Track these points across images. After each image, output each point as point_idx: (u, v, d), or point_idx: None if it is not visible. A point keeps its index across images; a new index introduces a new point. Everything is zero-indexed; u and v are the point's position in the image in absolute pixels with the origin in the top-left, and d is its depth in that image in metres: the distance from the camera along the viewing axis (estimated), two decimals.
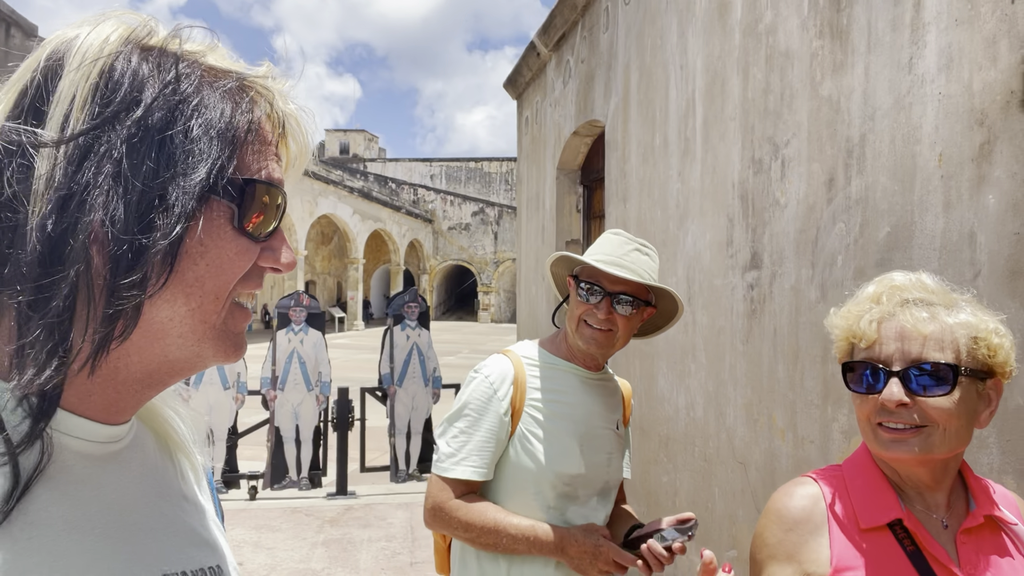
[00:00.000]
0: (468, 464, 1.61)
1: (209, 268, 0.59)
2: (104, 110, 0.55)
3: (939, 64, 2.06)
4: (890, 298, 1.11)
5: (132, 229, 0.54)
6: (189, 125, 0.58)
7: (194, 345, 0.61)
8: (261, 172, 0.63)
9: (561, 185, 6.72)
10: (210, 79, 0.61)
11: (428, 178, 46.06)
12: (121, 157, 0.55)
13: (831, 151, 2.55)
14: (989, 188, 1.88)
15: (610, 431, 1.76)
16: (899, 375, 1.06)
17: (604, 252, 1.69)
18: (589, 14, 5.62)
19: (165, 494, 0.67)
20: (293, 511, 6.12)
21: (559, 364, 1.75)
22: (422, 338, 7.51)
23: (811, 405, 2.65)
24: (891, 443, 1.07)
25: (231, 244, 0.61)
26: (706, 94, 3.56)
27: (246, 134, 0.61)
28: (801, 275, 2.73)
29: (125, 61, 0.57)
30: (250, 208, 0.61)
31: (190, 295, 0.59)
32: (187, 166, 0.57)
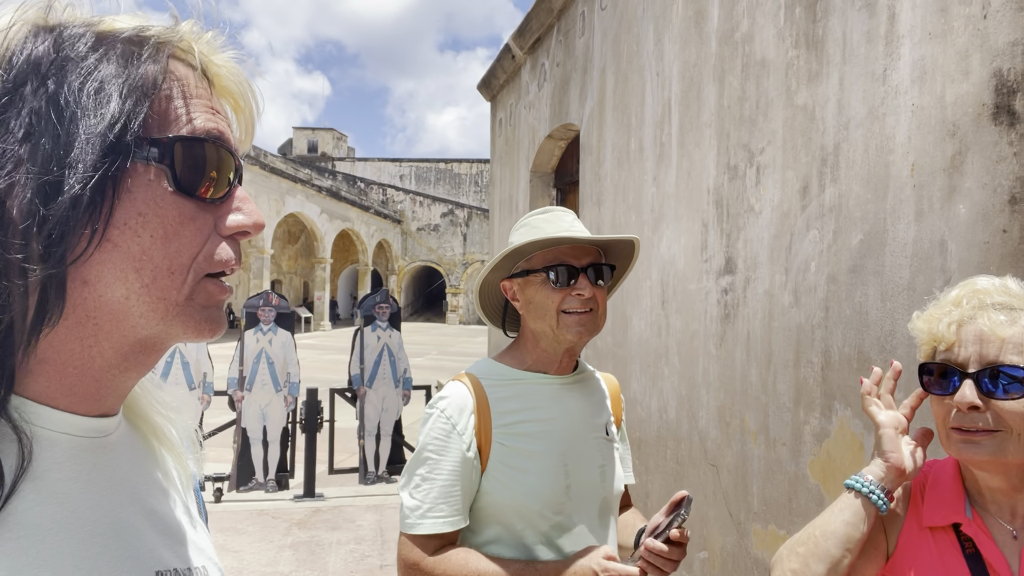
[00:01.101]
0: (435, 515, 1.40)
1: (154, 239, 0.57)
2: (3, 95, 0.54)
3: (913, 76, 2.11)
4: (970, 301, 1.11)
5: (33, 200, 0.53)
6: (83, 85, 0.56)
7: (159, 323, 0.59)
8: (191, 126, 0.60)
9: (535, 188, 6.74)
10: (107, 38, 0.59)
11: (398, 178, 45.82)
12: (24, 137, 0.54)
13: (806, 159, 2.60)
14: (960, 198, 1.94)
15: (598, 439, 1.54)
16: (973, 377, 1.06)
17: (550, 232, 1.48)
18: (565, 18, 5.65)
19: (153, 493, 0.67)
20: (260, 513, 6.03)
21: (524, 377, 1.52)
22: (393, 339, 7.46)
23: (783, 408, 2.70)
24: (962, 444, 1.07)
25: (172, 209, 0.58)
26: (682, 100, 3.60)
27: (157, 87, 0.59)
28: (775, 280, 2.77)
29: (20, 42, 0.56)
30: (189, 167, 0.59)
31: (140, 270, 0.57)
32: (87, 126, 0.55)
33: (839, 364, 2.39)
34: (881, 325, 2.20)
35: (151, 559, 0.62)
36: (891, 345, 2.16)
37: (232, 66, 0.66)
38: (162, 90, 0.59)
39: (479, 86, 8.37)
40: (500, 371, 1.54)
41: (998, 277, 1.14)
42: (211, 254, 0.61)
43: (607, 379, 1.70)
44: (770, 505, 2.76)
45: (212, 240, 0.61)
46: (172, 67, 0.61)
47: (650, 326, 3.92)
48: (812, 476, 2.52)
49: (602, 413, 1.60)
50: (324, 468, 7.17)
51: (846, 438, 2.34)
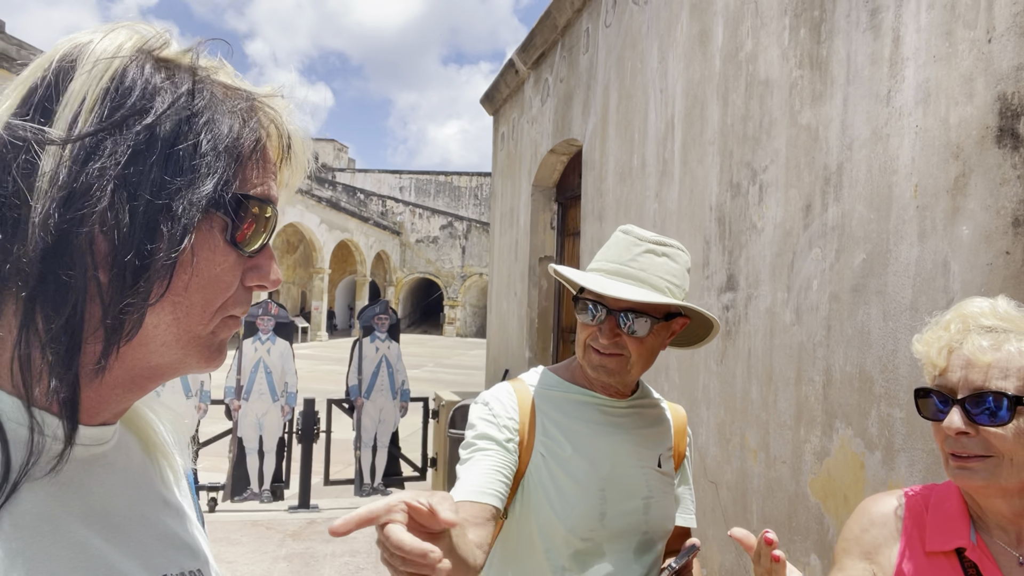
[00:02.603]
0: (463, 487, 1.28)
1: (197, 279, 0.59)
2: (113, 114, 0.56)
3: (916, 98, 2.13)
4: (957, 325, 1.11)
5: (138, 237, 0.55)
6: (199, 139, 0.58)
7: (176, 352, 0.61)
8: (259, 189, 0.63)
9: (536, 202, 6.76)
10: (221, 95, 0.62)
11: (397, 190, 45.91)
12: (127, 162, 0.55)
13: (808, 178, 2.62)
14: (963, 219, 1.95)
15: (647, 471, 1.41)
16: (961, 403, 1.06)
17: (607, 258, 1.37)
18: (569, 34, 5.69)
19: (148, 497, 0.67)
20: (254, 524, 5.99)
21: (575, 393, 1.43)
22: (391, 350, 7.45)
23: (784, 426, 2.69)
24: (957, 471, 1.07)
25: (221, 256, 0.61)
26: (685, 118, 3.63)
27: (252, 152, 0.62)
28: (776, 298, 2.78)
29: (138, 68, 0.58)
30: (244, 222, 0.62)
31: (177, 304, 0.59)
32: (194, 179, 0.57)
33: (840, 383, 2.39)
34: (883, 345, 2.21)
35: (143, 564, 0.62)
36: (892, 364, 2.16)
37: (304, 136, 0.70)
38: (254, 154, 0.63)
39: (482, 100, 8.41)
40: (551, 381, 1.46)
41: (990, 299, 1.14)
42: (237, 302, 0.64)
43: (674, 410, 1.57)
44: (769, 523, 2.75)
45: (239, 290, 0.64)
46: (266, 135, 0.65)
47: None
48: (812, 495, 2.51)
49: (658, 444, 1.47)
50: (320, 479, 7.14)
51: (847, 457, 2.34)
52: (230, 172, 0.60)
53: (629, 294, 1.28)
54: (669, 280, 1.33)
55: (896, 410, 2.14)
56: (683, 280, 1.37)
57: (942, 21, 2.04)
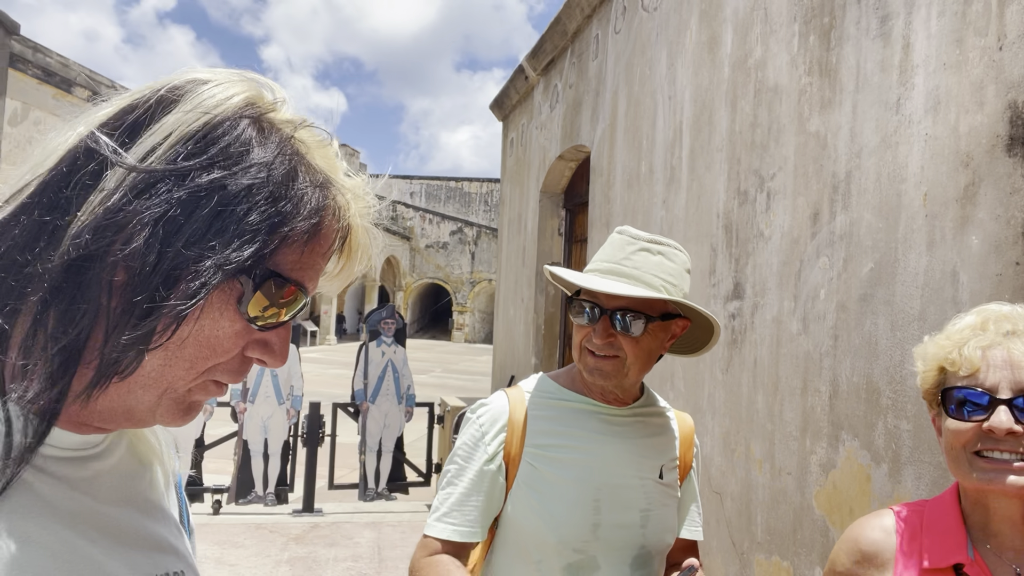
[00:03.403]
0: (448, 521, 1.33)
1: (197, 336, 0.58)
2: (189, 159, 0.55)
3: (926, 106, 2.11)
4: (997, 327, 1.09)
5: (156, 283, 0.54)
6: (256, 207, 0.57)
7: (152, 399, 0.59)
8: (295, 272, 0.61)
9: (544, 208, 6.75)
10: (303, 172, 0.61)
11: (408, 195, 46.03)
12: (176, 207, 0.54)
13: (817, 186, 2.59)
14: (973, 229, 1.92)
15: (647, 482, 1.38)
16: (1008, 403, 1.04)
17: (602, 258, 1.35)
18: (579, 41, 5.69)
19: (135, 501, 0.67)
20: (258, 527, 5.98)
21: (572, 399, 1.40)
22: (398, 355, 7.44)
23: (789, 437, 2.66)
24: (992, 473, 1.05)
25: (227, 322, 0.59)
26: (693, 125, 3.61)
27: (303, 236, 0.60)
28: (783, 307, 2.75)
29: (233, 124, 0.58)
30: (264, 298, 0.60)
31: (168, 354, 0.58)
32: (234, 244, 0.56)
33: (847, 394, 2.36)
34: (891, 355, 2.18)
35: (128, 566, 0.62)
36: (900, 375, 2.13)
37: (367, 237, 0.68)
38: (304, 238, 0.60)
39: (491, 106, 8.42)
40: (548, 388, 1.43)
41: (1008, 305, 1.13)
42: (229, 370, 0.62)
43: (681, 419, 1.52)
44: (774, 535, 2.72)
45: (236, 357, 0.62)
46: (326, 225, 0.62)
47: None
48: (818, 507, 2.48)
49: (660, 455, 1.43)
50: (324, 483, 7.13)
51: (853, 469, 2.31)
52: (271, 247, 0.58)
53: (617, 289, 1.25)
54: (664, 279, 1.30)
55: (903, 422, 2.10)
56: (680, 280, 1.34)
57: (953, 28, 2.02)
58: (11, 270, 0.53)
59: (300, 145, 0.62)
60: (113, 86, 15.12)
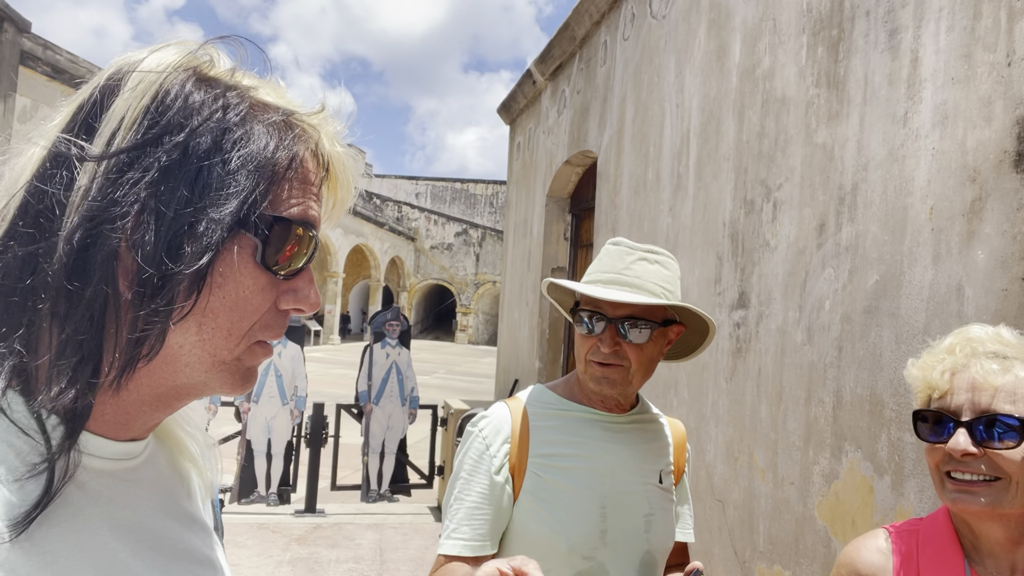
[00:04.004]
0: (457, 536, 1.34)
1: (224, 300, 0.59)
2: (149, 131, 0.56)
3: (934, 120, 2.11)
4: (963, 349, 1.11)
5: (159, 255, 0.55)
6: (229, 156, 0.58)
7: (202, 374, 0.61)
8: (294, 209, 0.61)
9: (550, 212, 6.76)
10: (258, 112, 0.61)
11: (413, 196, 46.09)
12: (156, 179, 0.55)
13: (823, 197, 2.60)
14: (979, 244, 1.93)
15: (649, 487, 1.41)
16: (966, 425, 1.06)
17: (601, 269, 1.40)
18: (587, 46, 5.70)
19: (173, 512, 0.68)
20: (260, 527, 6.00)
21: (573, 409, 1.43)
22: (402, 357, 7.46)
23: (792, 447, 2.67)
24: (957, 494, 1.07)
25: (249, 279, 0.60)
26: (701, 133, 3.62)
27: (285, 170, 0.61)
28: (788, 317, 2.76)
29: (180, 86, 0.58)
30: (276, 245, 0.60)
31: (203, 325, 0.58)
32: (220, 197, 0.57)
33: (851, 405, 2.36)
34: (895, 367, 2.18)
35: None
36: (904, 388, 2.13)
37: (347, 160, 0.68)
38: (288, 172, 0.61)
39: (499, 109, 8.44)
40: (549, 399, 1.46)
41: (992, 326, 1.14)
42: (268, 324, 0.62)
43: (673, 425, 1.56)
44: (776, 545, 2.72)
45: (270, 311, 0.62)
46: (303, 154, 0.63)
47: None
48: (820, 517, 2.48)
49: (658, 460, 1.46)
50: (326, 484, 7.15)
51: (856, 481, 2.31)
52: (259, 191, 0.58)
53: (631, 298, 1.30)
54: (663, 286, 1.36)
55: (907, 435, 2.11)
56: (675, 287, 1.39)
57: (961, 43, 2.03)
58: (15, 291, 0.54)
59: (247, 88, 0.62)
60: None
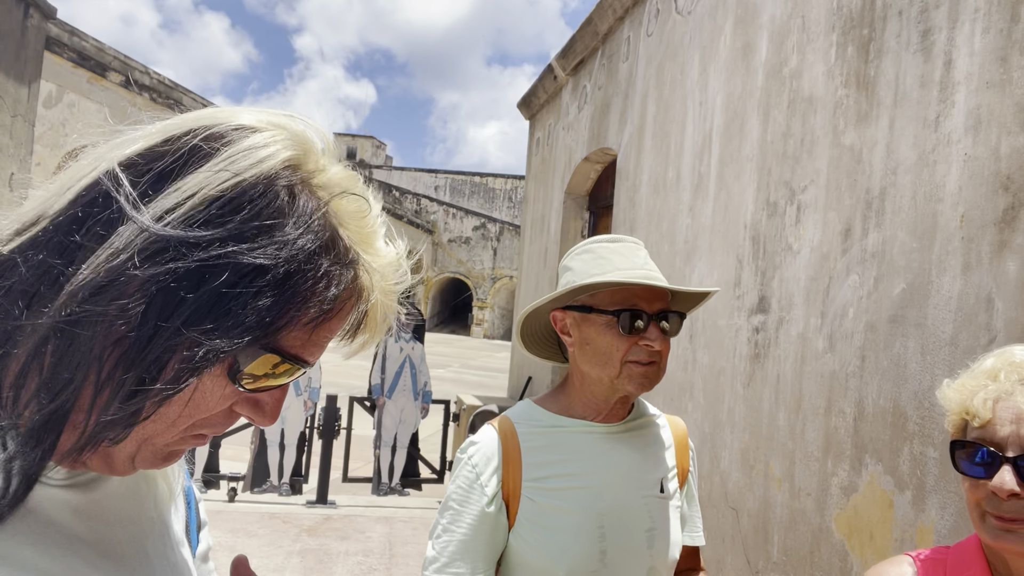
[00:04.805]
0: (451, 571, 1.29)
1: (178, 399, 0.54)
2: (205, 227, 0.50)
3: (966, 125, 2.04)
4: (1009, 376, 1.01)
5: (146, 360, 0.50)
6: (266, 288, 0.51)
7: (128, 452, 0.56)
8: (300, 351, 0.56)
9: (568, 209, 6.71)
10: (329, 251, 0.54)
11: (432, 189, 46.14)
12: (182, 280, 0.50)
13: (849, 201, 2.53)
14: (1011, 254, 1.86)
15: (649, 499, 1.36)
16: (1012, 461, 0.96)
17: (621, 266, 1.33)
18: (610, 42, 5.63)
19: (139, 518, 0.66)
20: (271, 517, 6.02)
21: (564, 425, 1.38)
22: (415, 351, 7.45)
23: (811, 457, 2.61)
24: (1001, 532, 0.98)
25: (216, 389, 0.55)
26: (724, 132, 3.55)
27: (314, 318, 0.55)
28: (810, 324, 2.69)
29: (264, 191, 0.52)
30: (259, 369, 0.55)
31: (162, 416, 0.54)
32: (235, 328, 0.51)
33: (873, 416, 2.30)
34: (920, 379, 2.12)
35: None
36: (929, 401, 2.07)
37: (390, 311, 0.63)
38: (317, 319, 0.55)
39: (519, 104, 8.39)
40: (538, 416, 1.40)
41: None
42: (213, 423, 0.58)
43: (673, 424, 1.50)
44: (791, 556, 2.66)
45: (222, 413, 0.57)
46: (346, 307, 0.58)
47: (676, 359, 3.84)
48: (837, 530, 2.42)
49: (658, 466, 1.40)
50: (338, 475, 7.17)
51: (875, 495, 2.25)
52: (276, 327, 0.53)
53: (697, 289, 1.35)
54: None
55: (930, 449, 2.04)
56: None
57: (997, 46, 1.95)
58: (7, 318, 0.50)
59: (333, 217, 0.56)
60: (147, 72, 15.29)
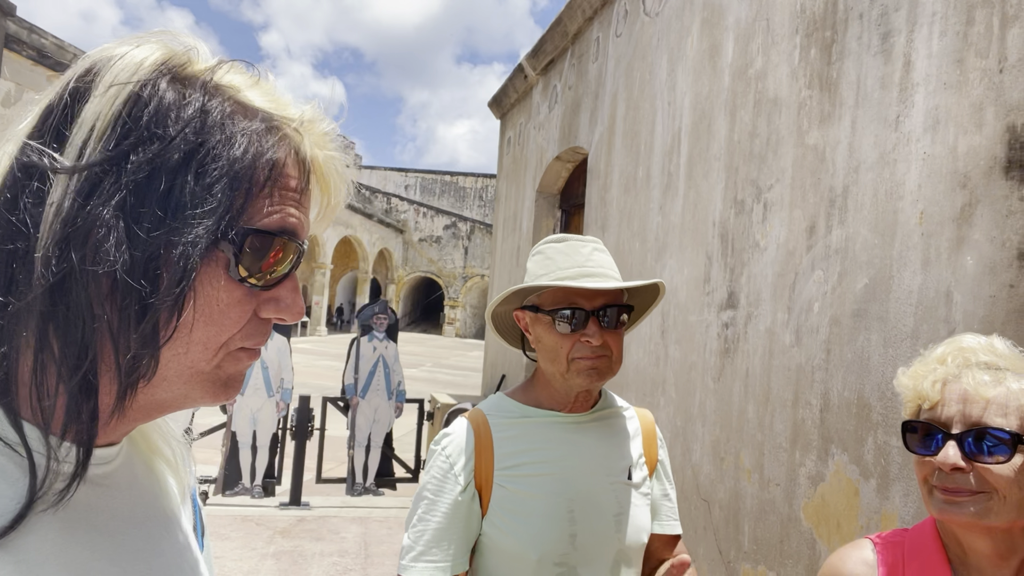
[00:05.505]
0: (427, 559, 1.32)
1: (200, 316, 0.56)
2: (121, 142, 0.53)
3: (925, 124, 2.11)
4: (955, 359, 1.09)
5: (137, 279, 0.52)
6: (204, 169, 0.54)
7: (181, 387, 0.59)
8: (273, 218, 0.58)
9: (540, 208, 6.75)
10: (238, 118, 0.58)
11: (403, 188, 45.93)
12: (129, 196, 0.52)
13: (814, 199, 2.60)
14: (968, 249, 1.93)
15: (617, 484, 1.41)
16: (957, 438, 1.03)
17: (564, 266, 1.39)
18: (579, 42, 5.68)
19: (153, 516, 0.67)
20: (244, 519, 5.97)
21: (532, 415, 1.43)
22: (389, 350, 7.44)
23: (779, 448, 2.67)
24: (945, 505, 1.04)
25: (224, 293, 0.57)
26: (692, 132, 3.61)
27: (265, 181, 0.58)
28: (777, 318, 2.76)
29: (152, 90, 0.55)
30: (253, 257, 0.57)
31: (176, 340, 0.56)
32: (195, 216, 0.54)
33: (838, 408, 2.37)
34: (882, 371, 2.19)
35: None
36: (891, 392, 2.14)
37: (336, 161, 0.64)
38: (267, 182, 0.58)
39: (490, 103, 8.40)
40: (509, 408, 1.45)
41: (984, 336, 1.13)
42: (249, 333, 0.60)
43: (641, 415, 1.56)
44: (761, 545, 2.73)
45: (252, 321, 0.60)
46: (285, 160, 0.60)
47: (648, 355, 3.90)
48: (805, 519, 2.49)
49: (625, 455, 1.45)
50: (311, 476, 7.13)
51: (842, 483, 2.32)
52: (237, 204, 0.56)
53: (616, 283, 1.34)
54: (617, 273, 1.40)
55: (893, 439, 2.11)
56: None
57: (954, 48, 2.03)
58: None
59: (228, 89, 0.59)
60: None
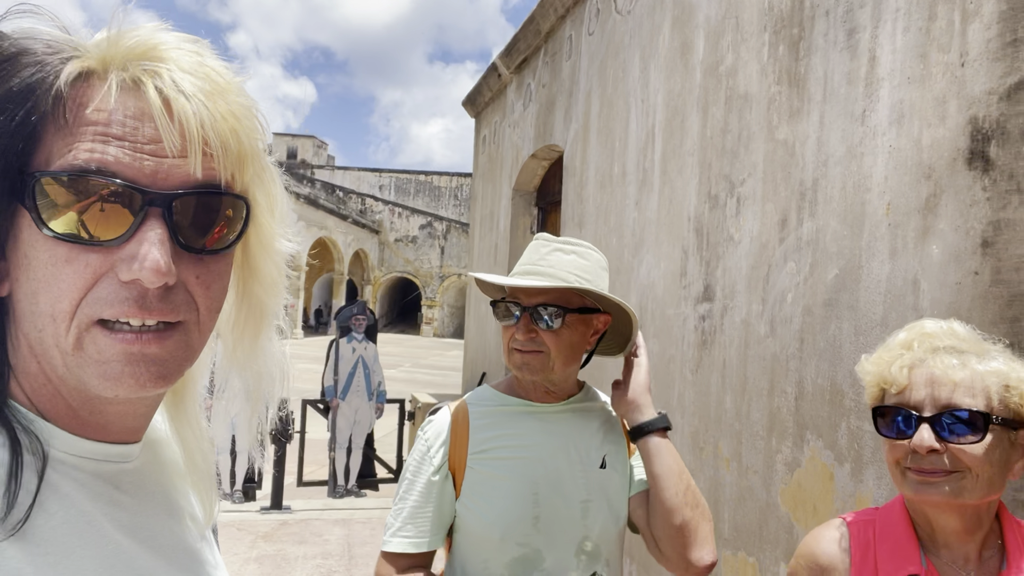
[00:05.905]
0: (403, 535, 1.41)
1: (37, 282, 0.53)
2: None
3: (891, 118, 2.18)
4: (921, 344, 1.13)
5: None
6: None
7: (62, 368, 0.55)
8: (68, 159, 0.51)
9: (516, 206, 6.78)
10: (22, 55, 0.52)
11: (377, 188, 45.71)
12: None
13: (785, 193, 2.66)
14: (934, 239, 1.99)
15: (589, 472, 1.46)
16: (929, 421, 1.07)
17: (521, 262, 1.48)
18: (552, 40, 5.72)
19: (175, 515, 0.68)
20: (225, 525, 5.93)
21: (509, 403, 1.50)
22: (368, 351, 7.42)
23: (756, 436, 2.73)
24: (920, 485, 1.08)
25: (43, 253, 0.52)
26: (666, 128, 3.66)
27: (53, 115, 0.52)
28: (752, 310, 2.82)
29: None
30: (60, 207, 0.51)
31: (32, 313, 0.54)
32: None
33: (812, 395, 2.43)
34: (854, 359, 2.25)
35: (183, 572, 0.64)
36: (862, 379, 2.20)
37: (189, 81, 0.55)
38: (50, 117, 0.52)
39: (464, 102, 8.41)
40: (489, 397, 1.53)
41: (944, 321, 1.16)
42: (103, 299, 0.53)
43: None
44: (741, 532, 2.79)
45: (103, 284, 0.53)
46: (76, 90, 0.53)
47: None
48: (783, 504, 2.55)
49: (601, 444, 1.51)
50: (293, 480, 7.09)
51: (817, 469, 2.38)
52: (16, 147, 0.50)
53: (527, 283, 1.38)
54: (578, 274, 1.41)
55: (866, 424, 2.18)
56: (595, 276, 1.44)
57: (917, 43, 2.09)
58: None
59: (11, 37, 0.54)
60: None
